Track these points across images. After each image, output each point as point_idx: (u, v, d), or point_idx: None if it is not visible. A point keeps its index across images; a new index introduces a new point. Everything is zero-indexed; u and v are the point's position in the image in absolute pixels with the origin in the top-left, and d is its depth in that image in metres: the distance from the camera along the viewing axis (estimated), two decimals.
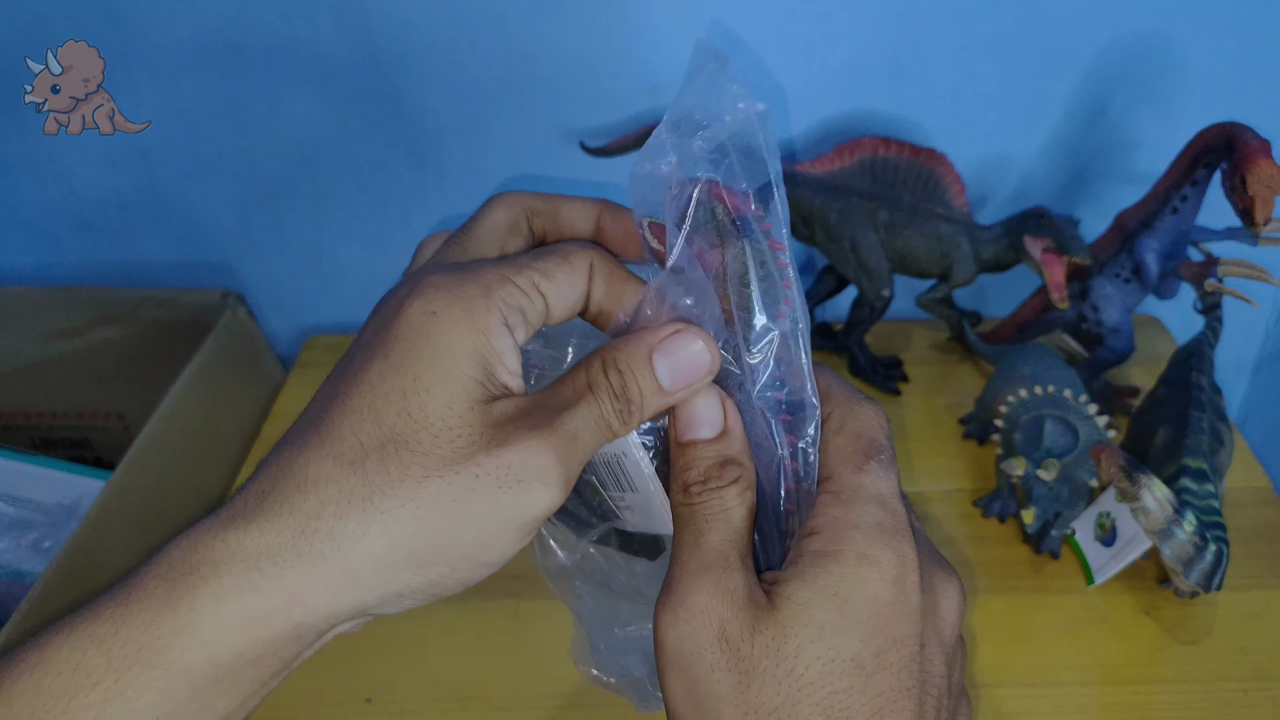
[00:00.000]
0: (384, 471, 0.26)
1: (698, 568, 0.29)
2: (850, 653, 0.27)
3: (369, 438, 0.27)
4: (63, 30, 0.72)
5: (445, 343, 0.27)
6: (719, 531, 0.29)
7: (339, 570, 0.26)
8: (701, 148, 0.30)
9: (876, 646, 0.27)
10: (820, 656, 0.27)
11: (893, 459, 0.30)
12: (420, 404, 0.27)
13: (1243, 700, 0.55)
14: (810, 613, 0.27)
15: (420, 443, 0.27)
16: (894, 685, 0.27)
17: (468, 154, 0.79)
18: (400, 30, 0.72)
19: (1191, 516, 0.54)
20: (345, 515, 0.26)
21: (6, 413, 0.87)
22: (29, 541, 0.69)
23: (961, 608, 0.30)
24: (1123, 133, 0.77)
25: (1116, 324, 0.70)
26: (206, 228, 0.84)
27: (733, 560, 0.29)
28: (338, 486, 0.26)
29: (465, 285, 0.28)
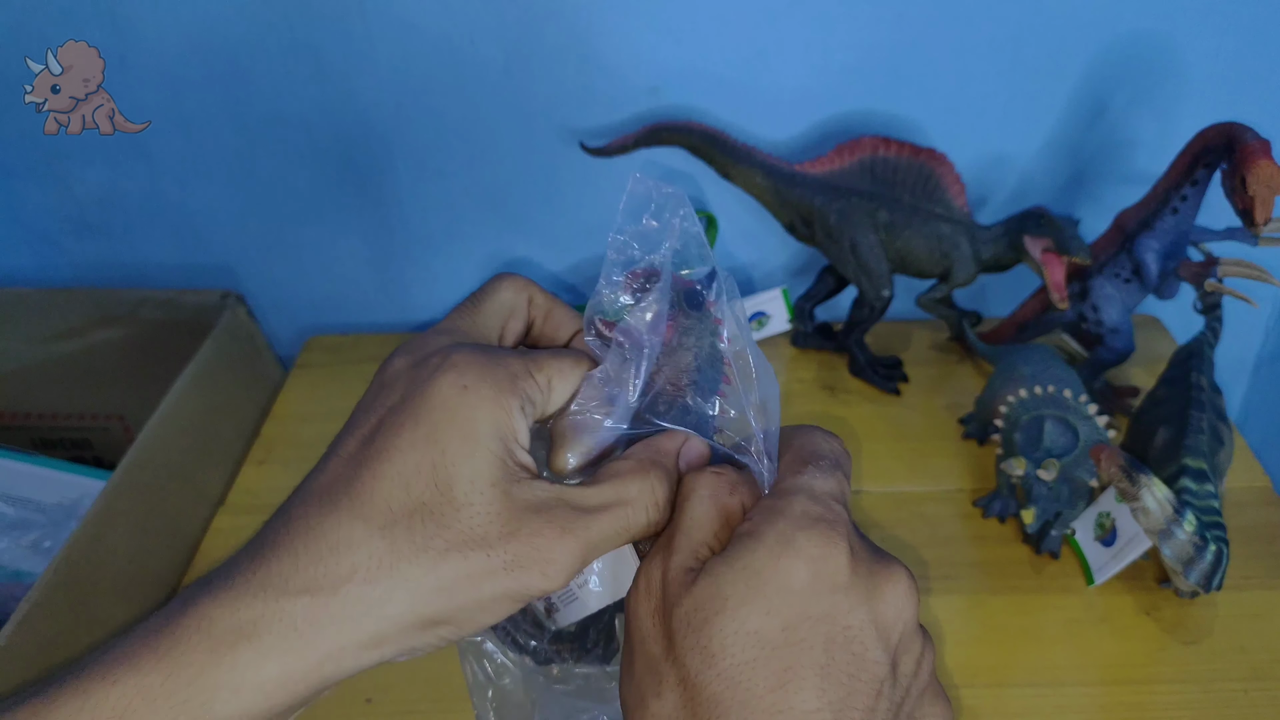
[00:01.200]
0: (410, 540, 0.28)
1: (652, 550, 0.32)
2: (754, 626, 0.28)
3: (399, 505, 0.28)
4: (63, 30, 0.72)
5: (474, 419, 0.29)
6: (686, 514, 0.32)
7: (367, 633, 0.28)
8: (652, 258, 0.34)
9: (783, 621, 0.28)
10: (724, 628, 0.28)
11: (835, 466, 0.32)
12: (448, 477, 0.28)
13: (1243, 700, 0.55)
14: (719, 587, 0.29)
15: (444, 515, 0.28)
16: (801, 660, 0.27)
17: (467, 154, 0.79)
18: (400, 31, 0.72)
19: (1191, 516, 0.54)
20: (375, 580, 0.28)
21: (6, 413, 0.87)
22: (29, 541, 0.69)
23: (908, 600, 0.30)
24: (1123, 133, 0.77)
25: (1116, 324, 0.70)
26: (206, 228, 0.84)
27: (682, 544, 0.31)
28: (368, 551, 0.28)
29: (496, 369, 0.30)
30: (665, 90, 0.76)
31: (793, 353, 0.82)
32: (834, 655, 0.28)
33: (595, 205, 0.82)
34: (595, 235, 0.85)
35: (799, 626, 0.28)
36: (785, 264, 0.87)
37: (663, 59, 0.74)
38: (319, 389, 0.82)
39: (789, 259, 0.87)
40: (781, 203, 0.75)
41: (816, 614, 0.28)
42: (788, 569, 0.28)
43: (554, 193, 0.82)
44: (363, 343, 0.87)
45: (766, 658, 0.27)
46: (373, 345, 0.86)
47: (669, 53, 0.74)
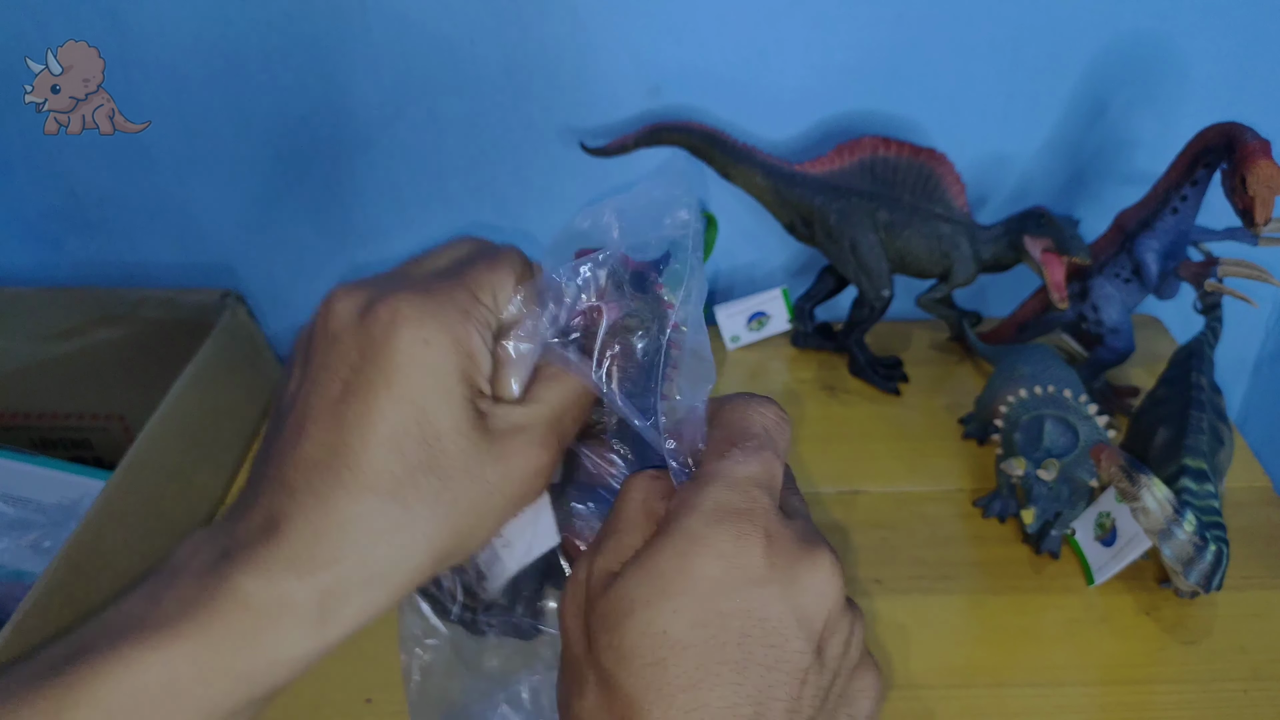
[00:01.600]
0: (420, 498, 0.29)
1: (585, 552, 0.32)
2: (660, 626, 0.28)
3: (400, 469, 0.29)
4: (63, 30, 0.72)
5: (443, 370, 0.30)
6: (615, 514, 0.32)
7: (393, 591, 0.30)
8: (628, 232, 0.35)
9: (692, 619, 0.28)
10: (631, 630, 0.28)
11: (762, 445, 0.31)
12: (435, 433, 0.29)
13: (1243, 700, 0.55)
14: (627, 589, 0.28)
15: (442, 466, 0.29)
16: (714, 657, 0.27)
17: (467, 154, 0.79)
18: (401, 30, 0.72)
19: (1191, 516, 0.54)
20: (397, 543, 0.29)
21: (6, 413, 0.87)
22: (29, 541, 0.69)
23: (831, 583, 0.29)
24: (1123, 133, 0.77)
25: (1116, 324, 0.70)
26: (206, 228, 0.84)
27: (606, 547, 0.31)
28: (385, 518, 0.29)
29: (448, 314, 0.30)
30: (665, 90, 0.76)
31: (793, 353, 0.82)
32: (750, 650, 0.27)
33: None
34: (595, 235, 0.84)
35: (709, 624, 0.28)
36: (785, 264, 0.87)
37: (663, 59, 0.74)
38: None
39: (789, 259, 0.87)
40: (781, 203, 0.75)
41: (729, 610, 0.28)
42: (696, 567, 0.28)
43: (554, 193, 0.82)
44: None
45: (677, 657, 0.27)
46: None
47: (669, 53, 0.74)
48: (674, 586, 0.28)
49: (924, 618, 0.60)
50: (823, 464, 0.71)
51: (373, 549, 0.29)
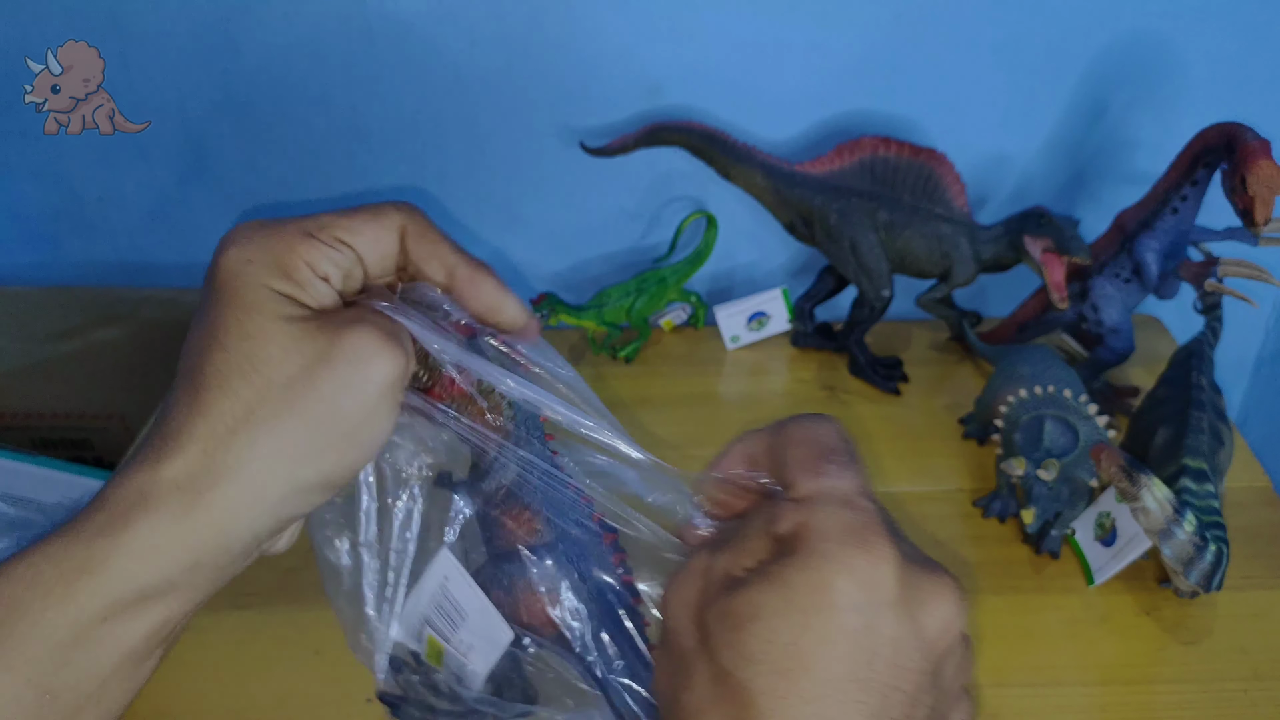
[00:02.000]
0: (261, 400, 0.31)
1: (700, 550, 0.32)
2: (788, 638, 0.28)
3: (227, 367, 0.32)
4: (63, 30, 0.72)
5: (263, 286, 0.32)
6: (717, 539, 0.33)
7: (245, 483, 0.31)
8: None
9: (820, 635, 0.28)
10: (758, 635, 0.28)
11: (852, 459, 0.31)
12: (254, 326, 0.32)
13: (1243, 700, 0.55)
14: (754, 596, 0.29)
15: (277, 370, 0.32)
16: (844, 674, 0.27)
17: (467, 154, 0.79)
18: (400, 30, 0.72)
19: (1191, 516, 0.54)
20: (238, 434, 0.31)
21: (6, 413, 0.87)
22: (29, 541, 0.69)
23: (954, 608, 0.30)
24: (1123, 133, 0.77)
25: (1116, 324, 0.70)
26: (206, 228, 0.84)
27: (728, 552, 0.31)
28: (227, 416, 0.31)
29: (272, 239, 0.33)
30: (665, 90, 0.76)
31: (793, 353, 0.83)
32: (875, 668, 0.28)
33: (595, 205, 0.83)
34: (595, 235, 0.85)
35: (838, 642, 0.28)
36: (785, 264, 0.87)
37: (663, 59, 0.74)
38: None
39: (789, 259, 0.87)
40: (781, 203, 0.75)
41: (857, 628, 0.28)
42: (829, 584, 0.28)
43: (554, 193, 0.82)
44: None
45: (803, 670, 0.27)
46: None
47: (669, 53, 0.74)
48: (805, 601, 0.28)
49: None
50: None
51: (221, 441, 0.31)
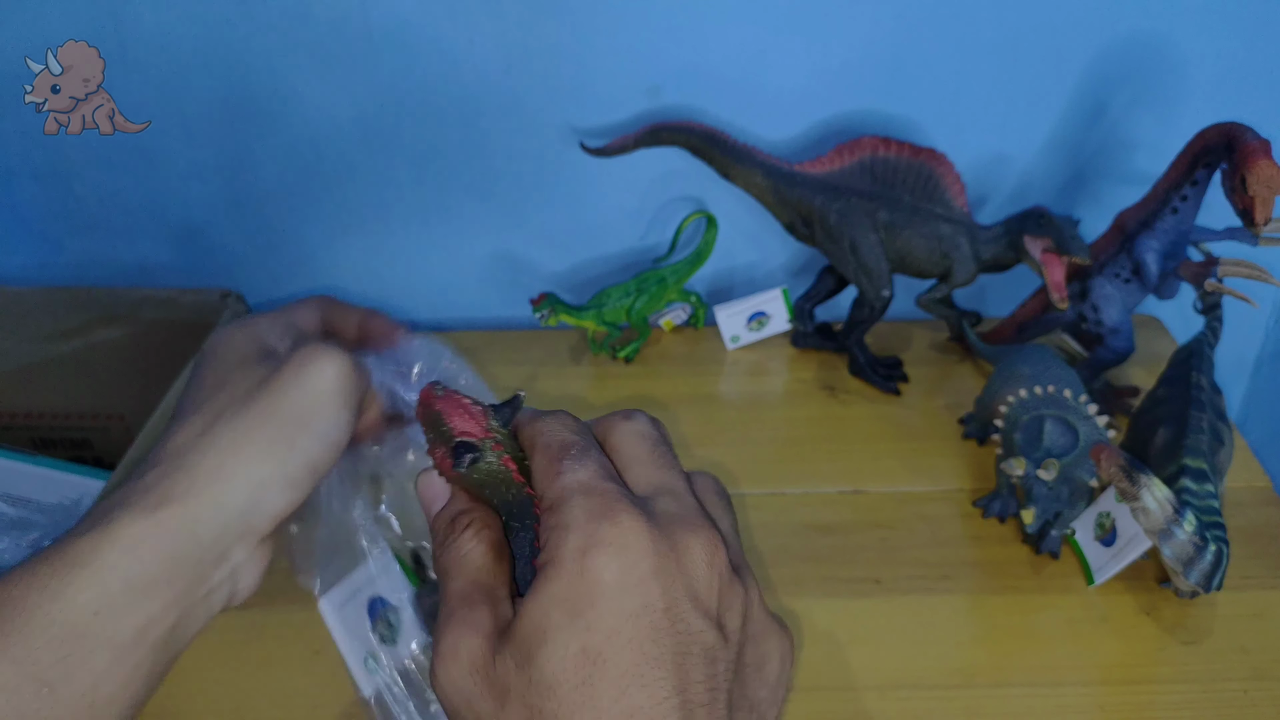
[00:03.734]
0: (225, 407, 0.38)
1: (446, 614, 0.31)
2: (578, 645, 0.28)
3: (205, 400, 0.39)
4: (63, 30, 0.72)
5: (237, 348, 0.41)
6: (461, 576, 0.32)
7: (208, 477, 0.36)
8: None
9: (606, 629, 0.28)
10: (550, 657, 0.28)
11: (586, 449, 0.32)
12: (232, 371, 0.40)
13: (1243, 700, 0.55)
14: (534, 620, 0.28)
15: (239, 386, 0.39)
16: (638, 658, 0.28)
17: (467, 154, 0.79)
18: (400, 30, 0.72)
19: (1191, 516, 0.54)
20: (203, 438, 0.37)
21: (6, 413, 0.87)
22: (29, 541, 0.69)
23: (715, 554, 0.30)
24: (1123, 133, 0.77)
25: (1116, 324, 0.70)
26: (206, 228, 0.84)
27: (476, 598, 0.31)
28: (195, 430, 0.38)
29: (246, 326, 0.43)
30: (665, 90, 0.76)
31: (793, 353, 0.83)
32: (662, 642, 0.28)
33: (595, 205, 0.83)
34: (595, 235, 0.85)
35: (621, 629, 0.28)
36: (785, 264, 0.87)
37: (663, 59, 0.74)
38: None
39: (789, 259, 0.87)
40: (781, 203, 0.75)
41: (634, 609, 0.28)
42: (595, 580, 0.28)
43: (554, 193, 0.82)
44: None
45: (602, 671, 0.27)
46: None
47: (669, 53, 0.74)
48: (579, 603, 0.28)
49: (924, 618, 0.60)
50: (823, 464, 0.71)
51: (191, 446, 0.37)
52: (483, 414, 0.33)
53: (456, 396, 0.33)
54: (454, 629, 0.30)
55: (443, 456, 0.33)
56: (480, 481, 0.33)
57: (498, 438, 0.33)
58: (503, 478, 0.33)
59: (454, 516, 0.33)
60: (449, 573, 0.32)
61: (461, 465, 0.32)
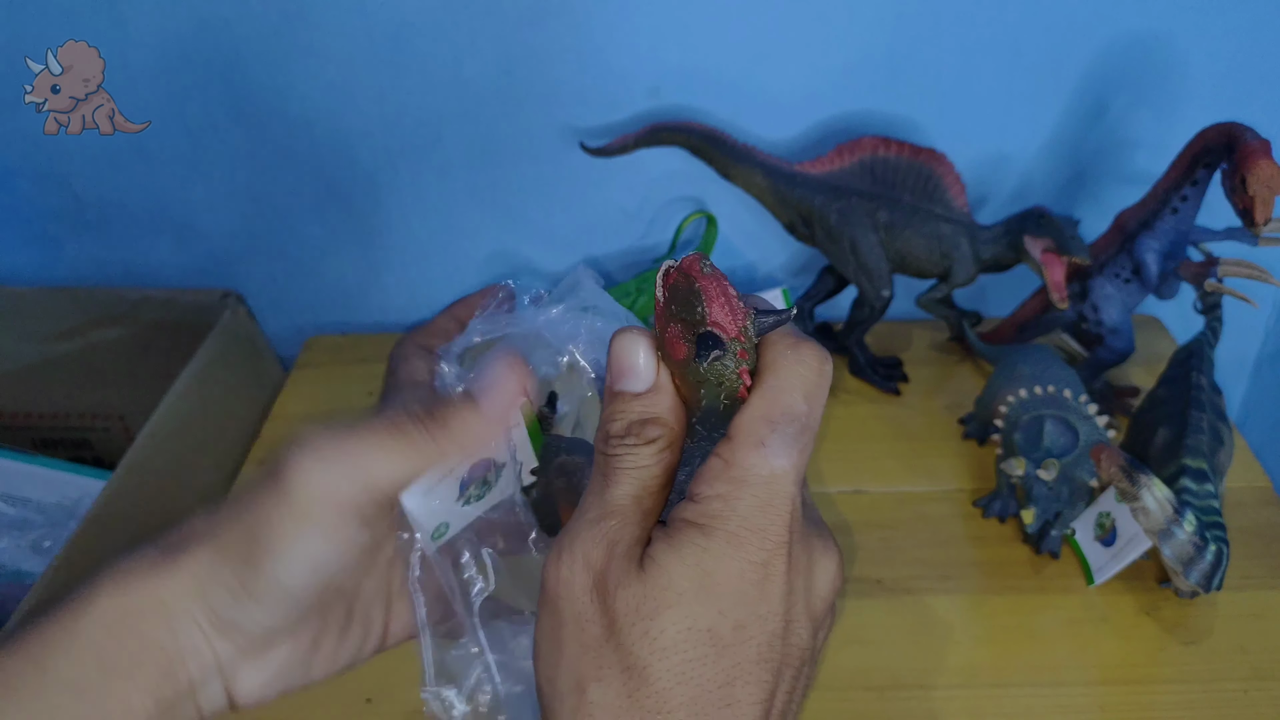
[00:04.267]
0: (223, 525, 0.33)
1: (594, 517, 0.30)
2: (707, 624, 0.28)
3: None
4: (63, 30, 0.72)
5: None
6: (625, 486, 0.30)
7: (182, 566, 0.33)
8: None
9: (735, 620, 0.28)
10: (676, 623, 0.28)
11: (803, 430, 0.29)
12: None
13: (1243, 700, 0.55)
14: (671, 579, 0.28)
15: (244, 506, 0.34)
16: (750, 657, 0.28)
17: (467, 154, 0.79)
18: (400, 30, 0.72)
19: (1191, 516, 0.54)
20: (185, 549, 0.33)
21: (6, 413, 0.87)
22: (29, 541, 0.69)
23: (837, 579, 0.31)
24: (1123, 133, 0.77)
25: (1116, 324, 0.70)
26: (206, 228, 0.84)
27: (630, 516, 0.30)
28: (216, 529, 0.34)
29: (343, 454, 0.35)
30: (665, 90, 0.76)
31: None
32: (775, 648, 0.28)
33: (595, 205, 0.82)
34: (595, 235, 0.85)
35: (749, 625, 0.28)
36: (785, 264, 0.87)
37: (663, 59, 0.74)
38: (319, 389, 0.82)
39: (789, 259, 0.87)
40: (781, 203, 0.75)
41: (765, 613, 0.28)
42: (738, 571, 0.28)
43: (554, 193, 0.82)
44: (363, 343, 0.87)
45: (717, 655, 0.28)
46: (373, 345, 0.86)
47: (669, 53, 0.74)
48: (720, 586, 0.28)
49: (924, 618, 0.60)
50: (823, 464, 0.71)
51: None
52: (744, 313, 0.29)
53: (724, 281, 0.29)
54: (593, 537, 0.29)
55: (676, 336, 0.29)
56: (702, 381, 0.29)
57: (746, 345, 0.29)
58: (728, 389, 0.29)
59: (646, 420, 0.30)
60: (613, 478, 0.30)
61: (701, 359, 0.28)
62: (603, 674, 0.28)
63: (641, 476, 0.30)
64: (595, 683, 0.28)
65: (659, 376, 0.30)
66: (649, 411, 0.30)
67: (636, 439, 0.30)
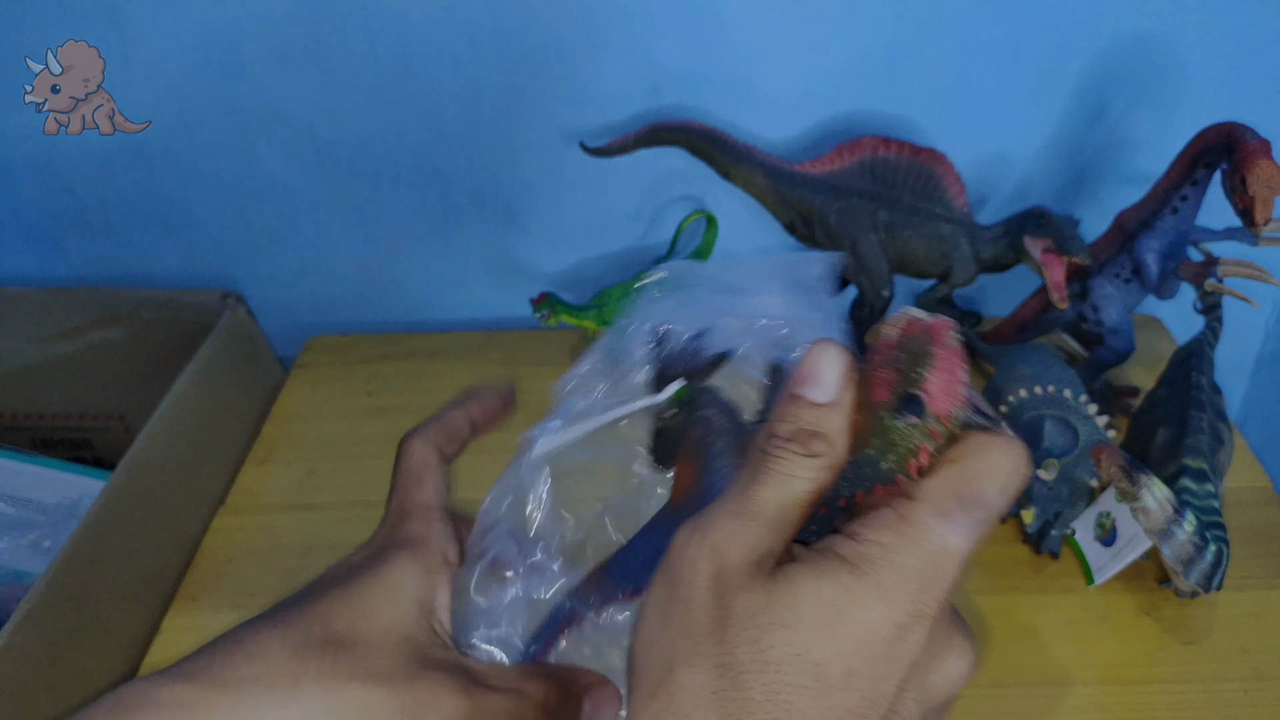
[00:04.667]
0: (320, 663, 0.32)
1: (736, 509, 0.29)
2: (819, 658, 0.27)
3: (316, 635, 0.33)
4: (63, 30, 0.72)
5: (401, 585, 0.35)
6: (774, 491, 0.29)
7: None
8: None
9: (848, 667, 0.27)
10: (789, 645, 0.27)
11: (987, 520, 0.28)
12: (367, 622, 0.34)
13: (1243, 700, 0.55)
14: (799, 602, 0.27)
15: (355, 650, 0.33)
16: (848, 706, 0.27)
17: (467, 154, 0.79)
18: (400, 30, 0.72)
19: (1191, 516, 0.54)
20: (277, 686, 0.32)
21: (6, 413, 0.87)
22: (29, 541, 0.69)
23: (964, 676, 0.29)
24: (1123, 133, 0.77)
25: (1116, 324, 0.70)
26: (206, 228, 0.84)
27: (771, 523, 0.29)
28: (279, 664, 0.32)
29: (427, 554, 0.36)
30: (665, 90, 0.76)
31: None
32: (876, 705, 0.27)
33: (595, 205, 0.82)
34: (595, 235, 0.85)
35: (860, 676, 0.27)
36: None
37: (663, 59, 0.74)
38: (319, 389, 0.82)
39: None
40: (781, 203, 0.75)
41: (880, 672, 0.28)
42: (872, 623, 0.27)
43: (554, 193, 0.82)
44: (363, 343, 0.87)
45: (816, 691, 0.27)
46: (373, 345, 0.86)
47: (669, 53, 0.74)
48: (847, 628, 0.27)
49: None
50: None
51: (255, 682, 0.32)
52: (961, 401, 0.28)
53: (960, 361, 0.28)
54: (730, 530, 0.29)
55: (884, 380, 0.29)
56: (883, 432, 0.29)
57: (944, 428, 0.28)
58: (900, 455, 0.28)
59: (816, 433, 0.29)
60: (765, 478, 0.29)
61: (898, 415, 0.28)
62: (696, 662, 0.28)
63: (793, 487, 0.29)
64: (687, 667, 0.28)
65: (843, 397, 0.30)
66: (821, 426, 0.30)
67: (801, 448, 0.29)
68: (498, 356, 0.83)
